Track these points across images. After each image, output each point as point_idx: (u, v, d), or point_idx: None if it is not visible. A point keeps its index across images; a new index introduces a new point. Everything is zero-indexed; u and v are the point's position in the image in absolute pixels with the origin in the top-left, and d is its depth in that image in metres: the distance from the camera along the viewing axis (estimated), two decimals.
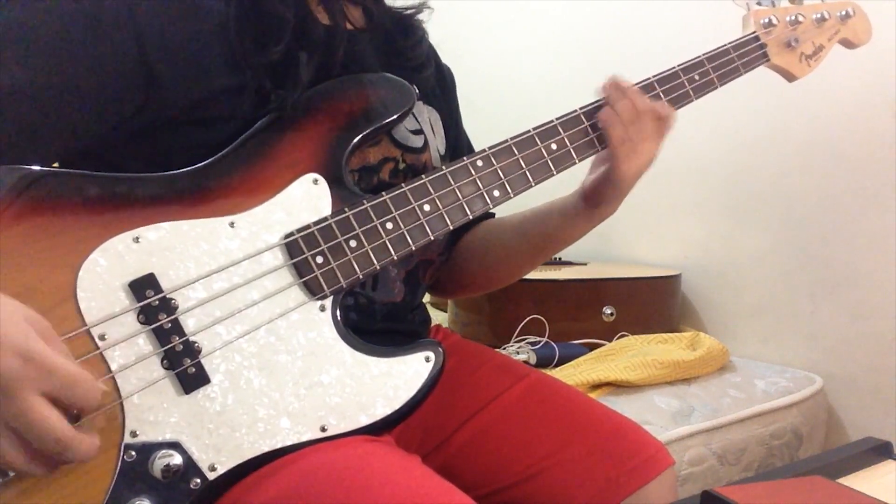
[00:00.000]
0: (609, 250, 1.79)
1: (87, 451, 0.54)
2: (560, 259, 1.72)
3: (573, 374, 1.28)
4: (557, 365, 1.34)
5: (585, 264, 1.70)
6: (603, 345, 1.42)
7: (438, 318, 1.60)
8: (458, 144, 0.97)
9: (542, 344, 1.39)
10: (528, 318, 1.42)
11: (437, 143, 0.88)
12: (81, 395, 0.53)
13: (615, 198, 0.84)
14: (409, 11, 0.88)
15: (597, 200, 0.84)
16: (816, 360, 1.43)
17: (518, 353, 1.38)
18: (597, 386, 1.26)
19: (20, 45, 0.62)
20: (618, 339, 1.44)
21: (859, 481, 0.62)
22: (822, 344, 1.43)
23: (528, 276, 1.45)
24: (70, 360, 0.54)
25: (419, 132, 0.84)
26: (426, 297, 0.96)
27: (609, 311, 1.46)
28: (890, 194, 1.31)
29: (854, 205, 1.37)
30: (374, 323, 0.79)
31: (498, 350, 1.22)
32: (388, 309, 0.80)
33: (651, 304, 1.54)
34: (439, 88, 0.94)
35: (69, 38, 0.64)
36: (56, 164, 0.69)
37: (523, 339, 1.42)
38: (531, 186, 0.80)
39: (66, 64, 0.64)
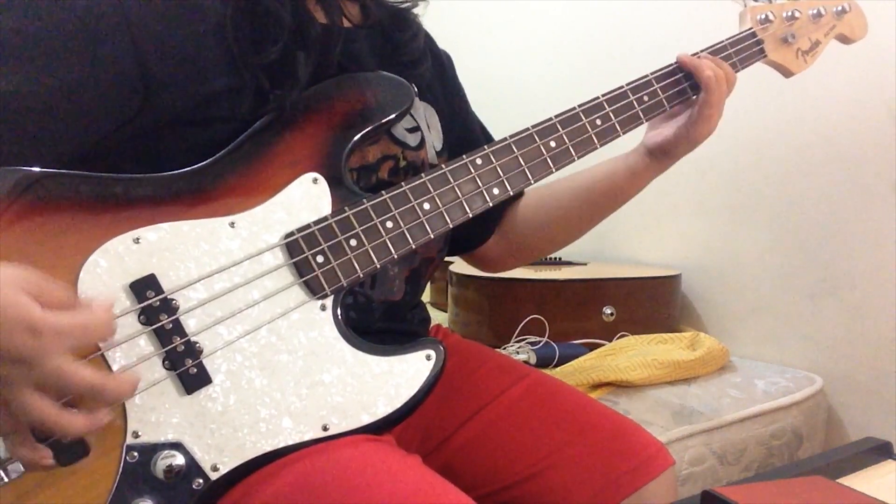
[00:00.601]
0: (609, 250, 1.79)
1: (125, 387, 0.56)
2: (560, 259, 1.72)
3: (573, 374, 1.28)
4: (557, 365, 1.34)
5: (585, 264, 1.70)
6: (603, 345, 1.42)
7: (438, 318, 1.60)
8: (467, 129, 0.97)
9: (542, 344, 1.39)
10: (528, 318, 1.42)
11: (434, 140, 0.88)
12: (95, 333, 0.56)
13: (684, 154, 0.93)
14: (404, 5, 0.88)
15: (670, 156, 0.93)
16: (816, 360, 1.43)
17: (518, 353, 1.38)
18: (597, 386, 1.26)
19: (16, 52, 0.62)
20: (618, 339, 1.44)
21: (859, 481, 0.62)
22: (822, 344, 1.43)
23: (528, 276, 1.46)
24: (70, 308, 0.54)
25: (416, 129, 0.84)
26: (426, 297, 0.96)
27: (609, 311, 1.46)
28: (890, 194, 1.31)
29: (854, 205, 1.36)
30: (372, 322, 0.79)
31: (498, 350, 1.22)
32: (386, 307, 0.80)
33: (651, 304, 1.53)
34: (437, 79, 0.93)
35: (65, 43, 0.64)
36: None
37: (523, 339, 1.42)
38: (530, 184, 0.81)
39: (63, 69, 0.64)
